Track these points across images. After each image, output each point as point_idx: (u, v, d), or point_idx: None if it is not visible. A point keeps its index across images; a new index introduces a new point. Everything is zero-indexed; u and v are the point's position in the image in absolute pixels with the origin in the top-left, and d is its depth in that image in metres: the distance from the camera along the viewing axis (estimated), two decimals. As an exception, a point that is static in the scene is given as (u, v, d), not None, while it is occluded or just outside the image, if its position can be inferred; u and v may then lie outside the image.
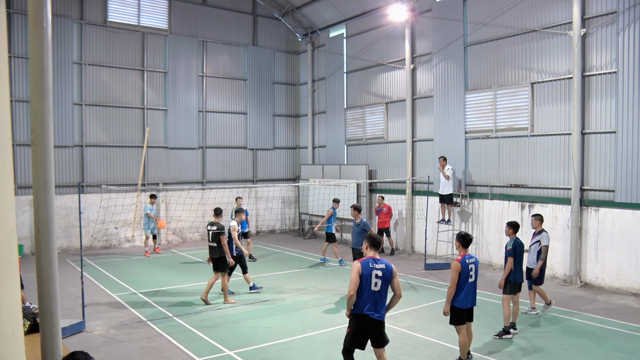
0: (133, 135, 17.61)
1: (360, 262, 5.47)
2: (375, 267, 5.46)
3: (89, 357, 4.05)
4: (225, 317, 9.18)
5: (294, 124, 21.77)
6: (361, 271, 5.40)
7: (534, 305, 9.21)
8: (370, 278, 5.41)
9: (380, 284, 5.43)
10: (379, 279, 5.42)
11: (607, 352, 7.36)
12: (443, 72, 14.92)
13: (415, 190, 16.10)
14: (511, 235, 8.35)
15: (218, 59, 19.54)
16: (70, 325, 8.13)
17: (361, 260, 5.50)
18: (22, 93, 15.25)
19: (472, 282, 6.74)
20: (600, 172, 11.54)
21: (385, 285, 5.47)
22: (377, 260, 5.53)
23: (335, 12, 18.92)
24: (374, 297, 5.41)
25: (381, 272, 5.44)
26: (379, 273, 5.43)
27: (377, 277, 5.42)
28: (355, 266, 5.45)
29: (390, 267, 5.53)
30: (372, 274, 5.41)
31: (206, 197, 17.60)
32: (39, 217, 4.97)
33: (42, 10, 4.74)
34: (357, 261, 5.51)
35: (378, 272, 5.44)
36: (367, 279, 5.40)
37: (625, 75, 10.78)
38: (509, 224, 8.44)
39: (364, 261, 5.49)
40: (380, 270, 5.45)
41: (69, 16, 16.24)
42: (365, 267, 5.43)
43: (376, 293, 5.42)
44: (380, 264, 5.50)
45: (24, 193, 15.08)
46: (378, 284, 5.42)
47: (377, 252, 5.64)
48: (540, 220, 9.18)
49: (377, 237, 5.79)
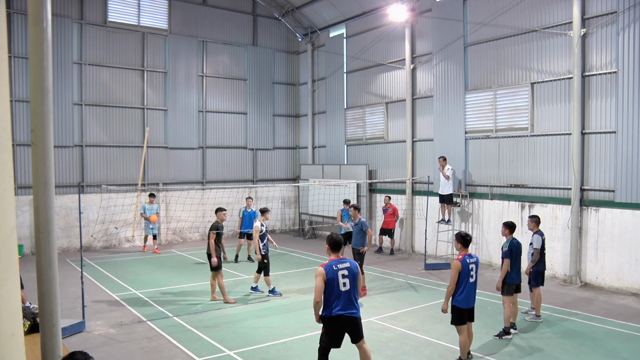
0: (133, 135, 17.61)
1: (324, 267, 5.52)
2: (340, 267, 5.55)
3: (88, 357, 4.05)
4: (225, 317, 9.18)
5: (294, 124, 21.77)
6: (326, 276, 5.47)
7: (534, 306, 9.15)
8: (337, 279, 5.48)
9: (349, 282, 5.53)
10: (346, 278, 5.52)
11: (607, 353, 7.36)
12: (443, 72, 14.92)
13: (415, 190, 16.10)
14: (507, 236, 8.27)
15: (218, 59, 19.54)
16: (70, 325, 8.12)
17: (324, 265, 5.55)
18: (22, 93, 15.25)
19: (472, 282, 6.75)
20: (600, 172, 11.54)
21: (353, 282, 5.58)
22: (341, 261, 5.63)
23: (335, 12, 18.92)
24: (344, 296, 5.50)
25: (347, 270, 5.55)
26: (345, 272, 5.54)
27: (344, 277, 5.51)
28: (319, 272, 5.50)
29: (354, 264, 5.70)
30: (338, 275, 5.49)
31: (206, 197, 17.60)
32: (39, 217, 4.97)
33: (42, 10, 4.74)
34: (320, 266, 5.55)
35: (344, 271, 5.54)
36: (334, 281, 5.48)
37: (625, 75, 10.78)
38: (505, 224, 8.36)
39: (327, 265, 5.54)
40: (345, 269, 5.55)
41: (69, 16, 16.24)
42: (330, 271, 5.50)
43: (346, 292, 5.51)
44: (344, 263, 5.62)
45: (24, 193, 15.08)
46: (347, 283, 5.51)
47: (338, 253, 5.73)
48: (535, 222, 9.02)
49: (338, 239, 5.79)
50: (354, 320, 5.60)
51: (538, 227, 8.99)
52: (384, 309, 9.56)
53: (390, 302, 10.08)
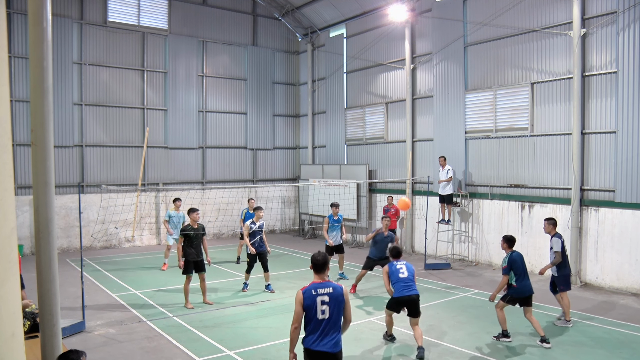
0: (133, 135, 17.61)
1: (303, 291, 4.82)
2: (320, 292, 4.78)
3: (81, 356, 4.05)
4: (225, 317, 9.18)
5: (294, 124, 21.77)
6: (303, 302, 4.77)
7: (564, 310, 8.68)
8: (315, 306, 4.75)
9: (329, 310, 4.76)
10: (325, 305, 4.76)
11: (607, 352, 7.35)
12: (443, 72, 14.92)
13: (415, 190, 16.10)
14: (506, 250, 7.90)
15: (218, 59, 19.54)
16: (70, 325, 8.12)
17: (304, 289, 4.85)
18: (22, 93, 15.25)
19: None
20: (600, 172, 11.54)
21: (336, 310, 4.80)
22: (323, 285, 4.84)
23: (335, 12, 18.92)
24: (320, 326, 4.75)
25: (328, 297, 4.78)
26: (325, 299, 4.77)
27: (323, 304, 4.76)
28: (297, 298, 4.82)
29: (339, 290, 4.85)
30: (316, 301, 4.75)
31: (206, 197, 17.60)
32: (39, 217, 4.98)
33: (42, 10, 4.75)
34: (299, 290, 4.87)
35: (324, 297, 4.78)
36: (312, 308, 4.76)
37: (625, 75, 10.78)
38: (504, 238, 7.98)
39: (306, 289, 4.83)
40: (326, 295, 4.78)
41: (69, 16, 16.24)
42: (308, 297, 4.77)
43: (324, 321, 4.75)
44: (325, 288, 4.82)
45: (24, 193, 15.08)
46: (326, 311, 4.75)
47: (323, 275, 4.92)
48: (552, 225, 8.69)
49: (323, 259, 4.95)
50: (327, 357, 4.75)
51: (555, 230, 8.71)
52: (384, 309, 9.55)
53: (390, 302, 10.08)
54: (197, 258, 9.82)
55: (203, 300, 10.03)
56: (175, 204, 13.28)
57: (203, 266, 9.91)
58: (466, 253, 14.44)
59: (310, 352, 4.77)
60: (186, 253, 9.74)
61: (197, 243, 9.81)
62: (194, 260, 9.78)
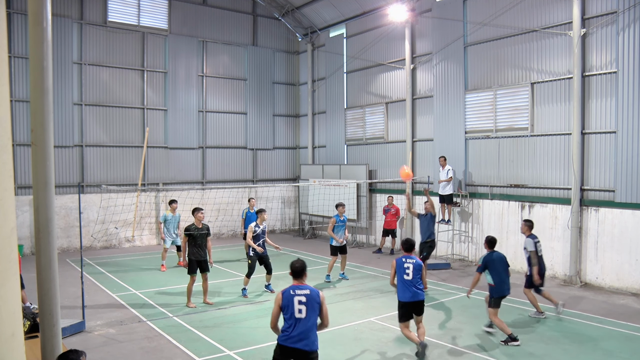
0: (133, 135, 17.61)
1: (282, 292, 5.27)
2: (297, 293, 5.20)
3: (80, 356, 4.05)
4: (225, 317, 9.19)
5: (294, 124, 21.77)
6: (281, 302, 5.21)
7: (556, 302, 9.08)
8: (293, 305, 5.16)
9: (306, 311, 5.14)
10: (302, 305, 5.16)
11: (607, 352, 7.35)
12: (443, 72, 14.92)
13: (415, 190, 16.10)
14: (487, 250, 8.20)
15: (218, 59, 19.54)
16: (70, 325, 8.12)
17: (283, 290, 5.29)
18: (22, 93, 15.24)
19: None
20: (600, 172, 11.54)
21: (312, 311, 5.18)
22: (300, 287, 5.27)
23: (335, 12, 18.92)
24: (296, 324, 5.12)
25: (305, 297, 5.18)
26: (302, 299, 5.18)
27: (300, 304, 5.17)
28: (277, 298, 5.27)
29: (315, 293, 5.26)
30: (293, 301, 5.17)
31: (206, 197, 17.60)
32: (39, 217, 4.98)
33: (42, 10, 4.75)
34: (279, 292, 5.32)
35: (301, 297, 5.18)
36: (289, 307, 5.16)
37: (625, 75, 10.78)
38: (486, 238, 8.29)
39: (285, 290, 5.28)
40: (303, 296, 5.19)
41: (69, 16, 16.24)
42: (286, 297, 5.21)
43: (300, 320, 5.13)
44: (303, 289, 5.23)
45: (24, 193, 15.08)
46: (302, 310, 5.15)
47: (301, 280, 5.36)
48: (528, 226, 9.13)
49: (299, 265, 5.42)
50: (301, 354, 5.10)
51: (530, 231, 9.07)
52: (384, 309, 9.56)
53: (390, 302, 10.06)
54: (201, 258, 9.85)
55: (203, 300, 10.03)
56: (171, 206, 13.35)
57: (207, 266, 9.95)
58: (466, 253, 14.44)
59: (284, 348, 5.12)
60: (190, 252, 9.78)
61: (202, 243, 9.82)
62: (198, 259, 9.81)
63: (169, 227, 13.29)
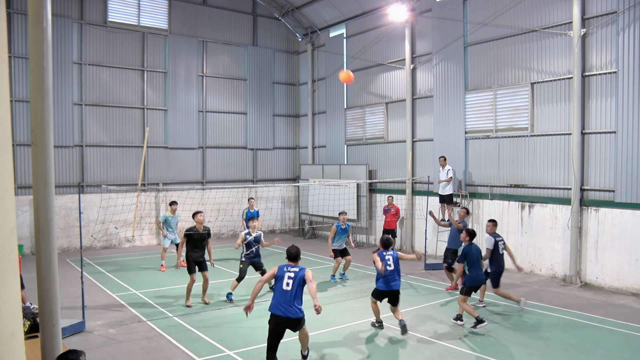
0: (133, 135, 17.61)
1: (279, 267, 6.64)
2: (289, 270, 6.53)
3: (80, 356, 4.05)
4: (225, 317, 9.18)
5: (294, 124, 21.77)
6: (277, 272, 6.59)
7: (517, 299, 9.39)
8: (283, 278, 6.46)
9: (292, 284, 6.41)
10: (291, 280, 6.44)
11: (607, 352, 7.36)
12: (443, 72, 14.92)
13: (415, 190, 16.10)
14: (466, 242, 8.78)
15: (218, 59, 19.54)
16: (70, 325, 8.12)
17: (280, 265, 6.67)
18: (22, 93, 15.24)
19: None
20: (600, 172, 11.54)
21: (298, 286, 6.42)
22: (293, 266, 6.61)
23: (335, 12, 18.92)
24: (284, 295, 6.39)
25: (293, 274, 6.48)
26: (291, 275, 6.48)
27: (289, 278, 6.45)
28: (273, 269, 6.70)
29: (302, 271, 6.52)
30: (284, 275, 6.49)
31: (206, 197, 17.61)
32: (39, 217, 4.97)
33: (42, 10, 4.75)
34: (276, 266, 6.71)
35: (290, 274, 6.49)
36: (281, 279, 6.49)
37: (625, 75, 10.78)
38: (466, 230, 8.86)
39: (281, 266, 6.65)
40: (292, 272, 6.49)
41: (69, 16, 16.24)
42: (280, 270, 6.59)
43: (287, 292, 6.39)
44: (294, 268, 6.56)
45: (24, 193, 15.08)
46: (290, 284, 6.42)
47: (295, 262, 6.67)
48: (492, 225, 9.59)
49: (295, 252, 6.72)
50: (289, 322, 6.39)
51: (494, 230, 9.62)
52: (384, 309, 9.53)
53: (390, 302, 10.08)
54: (199, 259, 9.90)
55: (202, 298, 10.07)
56: (171, 207, 13.40)
57: (205, 265, 10.00)
58: (466, 253, 14.42)
59: (276, 318, 6.37)
60: (189, 254, 9.84)
61: (200, 245, 9.84)
62: (196, 260, 9.87)
63: (169, 227, 13.34)
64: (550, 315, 9.18)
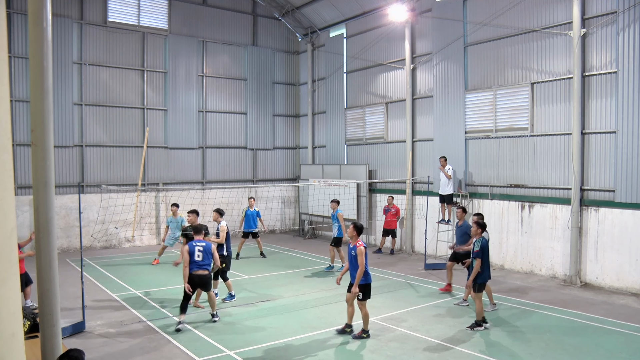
0: (133, 135, 17.61)
1: (188, 244, 8.63)
2: (197, 244, 8.63)
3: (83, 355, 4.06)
4: (225, 317, 9.18)
5: (294, 124, 21.77)
6: (189, 249, 8.54)
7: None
8: (194, 252, 8.56)
9: (202, 255, 8.59)
10: (200, 252, 8.59)
11: (607, 352, 7.36)
12: (443, 72, 14.92)
13: (415, 190, 16.10)
14: (478, 236, 8.61)
15: (218, 59, 19.54)
16: (70, 325, 8.13)
17: (188, 242, 8.77)
18: (22, 93, 15.24)
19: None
20: (600, 172, 11.54)
21: (206, 255, 8.62)
22: (199, 241, 8.70)
23: (335, 12, 18.92)
24: (196, 262, 8.54)
25: (202, 248, 8.61)
26: (200, 248, 8.61)
27: (199, 251, 8.59)
28: (184, 248, 8.65)
29: (208, 245, 8.73)
30: (195, 249, 8.58)
31: (206, 197, 17.60)
32: (39, 217, 4.98)
33: (42, 10, 4.75)
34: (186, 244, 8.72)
35: (199, 247, 8.62)
36: (193, 253, 8.55)
37: (625, 75, 10.78)
38: (477, 223, 8.70)
39: (189, 243, 8.66)
40: (200, 246, 8.62)
41: (69, 16, 16.24)
42: (191, 246, 8.60)
43: (199, 260, 8.56)
44: (201, 243, 8.68)
45: (24, 193, 15.08)
46: (200, 255, 8.58)
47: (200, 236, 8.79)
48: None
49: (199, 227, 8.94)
50: (200, 277, 8.59)
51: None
52: (384, 309, 9.56)
53: (390, 302, 10.09)
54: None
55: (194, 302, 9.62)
56: (172, 209, 14.01)
57: None
58: (466, 253, 14.42)
59: (192, 275, 8.52)
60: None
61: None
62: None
63: (172, 229, 13.93)
64: (550, 315, 9.18)
